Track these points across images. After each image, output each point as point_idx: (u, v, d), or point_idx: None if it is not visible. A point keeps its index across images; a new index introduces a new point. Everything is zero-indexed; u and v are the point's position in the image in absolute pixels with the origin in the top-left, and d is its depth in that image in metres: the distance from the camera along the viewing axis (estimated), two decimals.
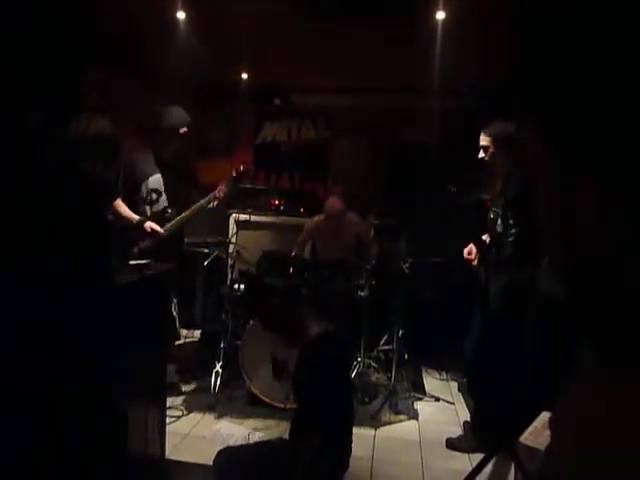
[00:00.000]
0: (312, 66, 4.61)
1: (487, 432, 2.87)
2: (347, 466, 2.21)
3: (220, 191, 3.40)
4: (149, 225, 3.24)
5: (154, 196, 3.36)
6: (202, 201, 3.43)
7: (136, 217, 3.26)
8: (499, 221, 2.84)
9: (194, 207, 3.44)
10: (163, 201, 3.40)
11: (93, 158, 3.16)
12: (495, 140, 2.82)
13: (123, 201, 3.29)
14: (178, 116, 3.33)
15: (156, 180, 3.37)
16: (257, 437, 2.93)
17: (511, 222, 2.78)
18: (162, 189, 3.39)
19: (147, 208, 3.36)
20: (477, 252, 2.99)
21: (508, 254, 2.78)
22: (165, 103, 3.42)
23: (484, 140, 2.87)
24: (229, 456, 2.13)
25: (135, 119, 3.58)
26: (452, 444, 3.03)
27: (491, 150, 2.84)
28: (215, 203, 3.44)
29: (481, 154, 2.88)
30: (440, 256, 4.03)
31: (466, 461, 2.85)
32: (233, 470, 2.06)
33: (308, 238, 4.31)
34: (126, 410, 1.79)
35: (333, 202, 4.20)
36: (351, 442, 2.24)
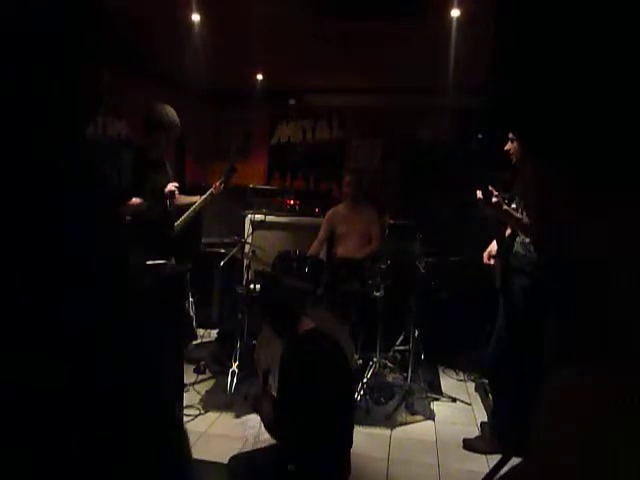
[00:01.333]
0: (326, 66, 4.62)
1: (505, 433, 2.84)
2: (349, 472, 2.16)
3: (216, 188, 3.42)
4: (171, 187, 3.17)
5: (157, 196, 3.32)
6: (201, 199, 3.42)
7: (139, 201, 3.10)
8: (522, 213, 2.81)
9: (195, 206, 3.43)
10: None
11: (110, 159, 3.18)
12: None
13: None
14: (169, 114, 3.18)
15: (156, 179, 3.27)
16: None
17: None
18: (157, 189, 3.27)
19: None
20: (498, 248, 2.94)
21: (530, 249, 2.75)
22: (158, 102, 3.34)
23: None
24: (241, 461, 2.14)
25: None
26: (469, 445, 3.01)
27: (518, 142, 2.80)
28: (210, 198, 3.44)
29: (508, 146, 2.85)
30: (456, 255, 4.01)
31: (483, 462, 2.82)
32: (245, 476, 2.06)
33: (328, 227, 4.38)
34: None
35: (350, 179, 4.36)
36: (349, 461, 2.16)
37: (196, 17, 3.50)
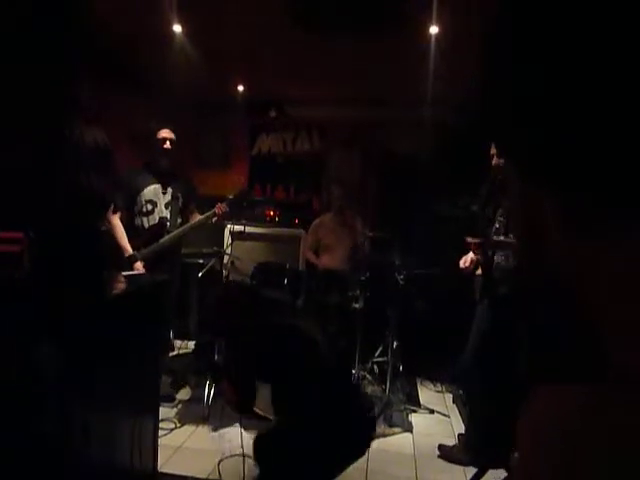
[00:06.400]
0: (307, 78, 4.65)
1: (482, 445, 2.85)
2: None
3: (220, 209, 3.42)
4: (138, 266, 3.21)
5: (149, 207, 3.36)
6: (201, 217, 3.46)
7: (130, 250, 3.23)
8: (502, 230, 2.85)
9: (192, 223, 3.46)
10: (158, 212, 3.39)
11: (87, 168, 3.17)
12: None
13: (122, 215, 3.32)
14: (154, 123, 3.36)
15: (151, 191, 3.37)
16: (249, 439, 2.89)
17: (510, 234, 2.79)
18: (158, 200, 3.39)
19: (144, 220, 3.36)
20: (476, 258, 2.96)
21: (508, 263, 2.78)
22: (156, 114, 3.47)
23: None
24: (270, 441, 2.08)
25: (129, 131, 3.61)
26: (445, 453, 3.01)
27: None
28: (214, 219, 3.46)
29: (494, 161, 2.89)
30: (434, 268, 4.04)
31: (461, 474, 2.83)
32: (276, 455, 2.01)
33: (314, 237, 4.39)
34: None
35: (335, 189, 4.48)
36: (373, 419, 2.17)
37: (178, 28, 3.50)
